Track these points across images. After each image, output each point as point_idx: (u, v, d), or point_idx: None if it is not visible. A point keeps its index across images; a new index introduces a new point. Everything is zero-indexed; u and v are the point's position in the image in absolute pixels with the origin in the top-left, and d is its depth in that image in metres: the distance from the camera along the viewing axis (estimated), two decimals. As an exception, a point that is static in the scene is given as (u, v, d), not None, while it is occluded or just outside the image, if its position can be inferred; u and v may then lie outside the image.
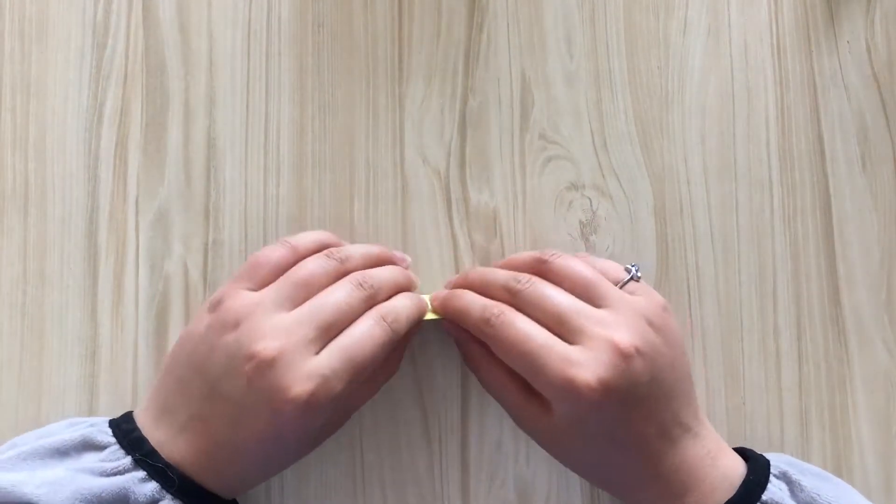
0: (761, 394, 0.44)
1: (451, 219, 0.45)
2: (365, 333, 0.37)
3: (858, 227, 0.46)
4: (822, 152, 0.46)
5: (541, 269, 0.40)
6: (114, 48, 0.45)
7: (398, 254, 0.43)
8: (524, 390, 0.38)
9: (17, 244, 0.43)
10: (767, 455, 0.39)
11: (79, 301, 0.43)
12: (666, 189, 0.45)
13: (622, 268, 0.41)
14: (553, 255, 0.40)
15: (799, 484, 0.37)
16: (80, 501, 0.34)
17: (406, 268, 0.43)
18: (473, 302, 0.39)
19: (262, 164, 0.44)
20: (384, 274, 0.40)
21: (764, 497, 0.36)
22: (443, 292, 0.41)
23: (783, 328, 0.45)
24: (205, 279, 0.43)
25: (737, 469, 0.38)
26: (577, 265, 0.39)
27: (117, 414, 0.42)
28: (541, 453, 0.43)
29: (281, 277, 0.38)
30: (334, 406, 0.36)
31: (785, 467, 0.38)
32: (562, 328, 0.37)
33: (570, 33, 0.46)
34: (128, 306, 0.43)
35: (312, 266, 0.38)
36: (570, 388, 0.35)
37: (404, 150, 0.45)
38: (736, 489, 0.37)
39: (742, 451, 0.40)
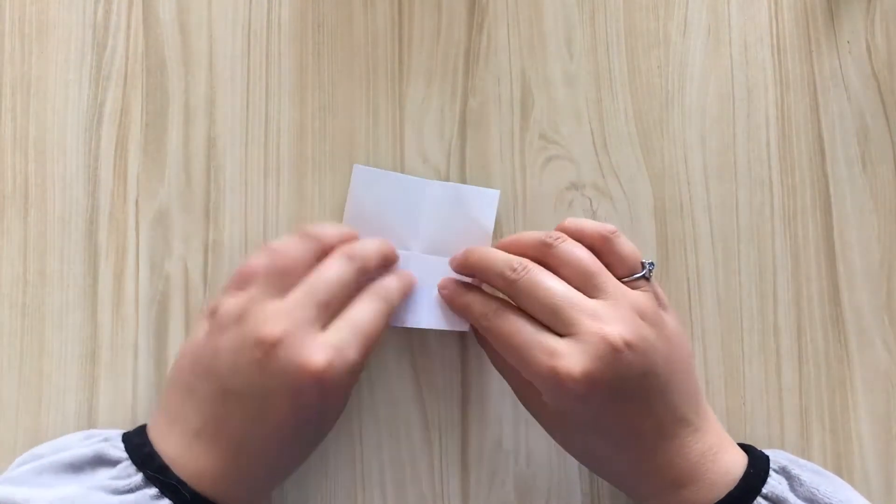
0: (761, 394, 0.44)
1: (451, 219, 0.45)
2: (366, 306, 0.38)
3: (858, 227, 0.46)
4: (822, 152, 0.46)
5: (544, 252, 0.40)
6: (114, 48, 0.45)
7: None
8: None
9: (17, 244, 0.43)
10: (766, 451, 0.39)
11: (79, 301, 0.43)
12: (666, 189, 0.45)
13: (639, 260, 0.40)
14: (558, 238, 0.39)
15: (798, 479, 0.37)
16: None
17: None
18: (474, 301, 0.40)
19: (262, 164, 0.44)
20: (369, 245, 0.40)
21: (764, 490, 0.37)
22: (445, 284, 0.42)
23: (783, 328, 0.45)
24: (205, 279, 0.43)
25: (739, 463, 0.38)
26: (580, 253, 0.39)
27: (117, 414, 0.42)
28: (541, 453, 0.43)
29: (265, 270, 0.38)
30: (350, 379, 0.36)
31: (784, 462, 0.38)
32: (555, 319, 0.37)
33: (570, 33, 0.46)
34: (128, 306, 0.43)
35: (293, 252, 0.38)
36: (554, 379, 0.36)
37: (404, 150, 0.45)
38: (737, 483, 0.37)
39: (742, 447, 0.40)
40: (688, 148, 0.46)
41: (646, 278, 0.40)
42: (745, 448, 0.40)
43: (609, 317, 0.37)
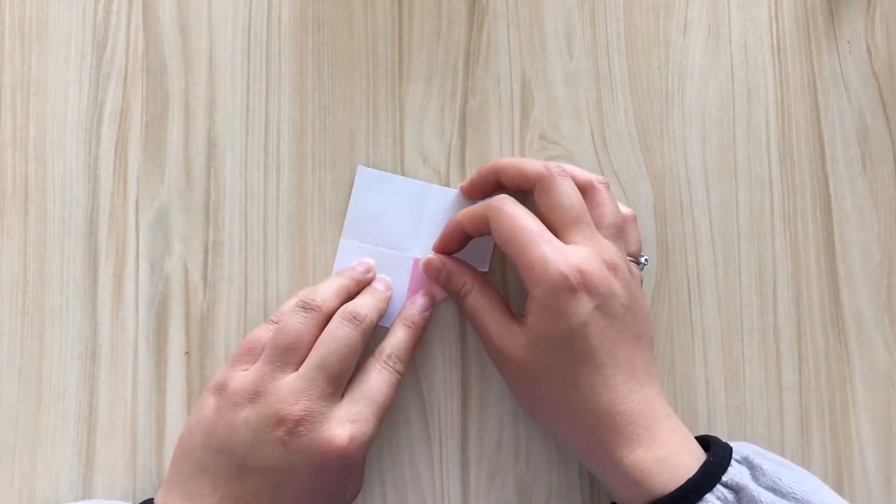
0: (761, 394, 0.44)
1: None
2: (379, 377, 0.39)
3: (858, 227, 0.46)
4: (822, 152, 0.46)
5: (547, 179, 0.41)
6: (114, 48, 0.45)
7: (360, 268, 0.43)
8: (507, 312, 0.40)
9: (17, 244, 0.43)
10: (731, 443, 0.39)
11: (79, 301, 0.43)
12: (666, 189, 0.45)
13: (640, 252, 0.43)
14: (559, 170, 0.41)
15: (761, 468, 0.37)
16: None
17: (368, 271, 0.43)
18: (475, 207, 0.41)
19: (262, 164, 0.44)
20: (368, 302, 0.41)
21: (724, 478, 0.36)
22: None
23: (783, 328, 0.45)
24: (205, 279, 0.43)
25: (697, 452, 0.38)
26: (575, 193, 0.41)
27: (117, 414, 0.42)
28: (541, 453, 0.43)
29: (268, 346, 0.39)
30: (367, 449, 0.38)
31: (747, 453, 0.38)
32: (572, 225, 0.39)
33: (570, 33, 0.46)
34: (128, 306, 0.43)
35: (294, 325, 0.39)
36: (558, 264, 0.37)
37: (404, 150, 0.45)
38: (697, 467, 0.36)
39: (704, 439, 0.39)
40: (688, 148, 0.46)
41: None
42: (708, 438, 0.39)
43: (610, 247, 0.39)
